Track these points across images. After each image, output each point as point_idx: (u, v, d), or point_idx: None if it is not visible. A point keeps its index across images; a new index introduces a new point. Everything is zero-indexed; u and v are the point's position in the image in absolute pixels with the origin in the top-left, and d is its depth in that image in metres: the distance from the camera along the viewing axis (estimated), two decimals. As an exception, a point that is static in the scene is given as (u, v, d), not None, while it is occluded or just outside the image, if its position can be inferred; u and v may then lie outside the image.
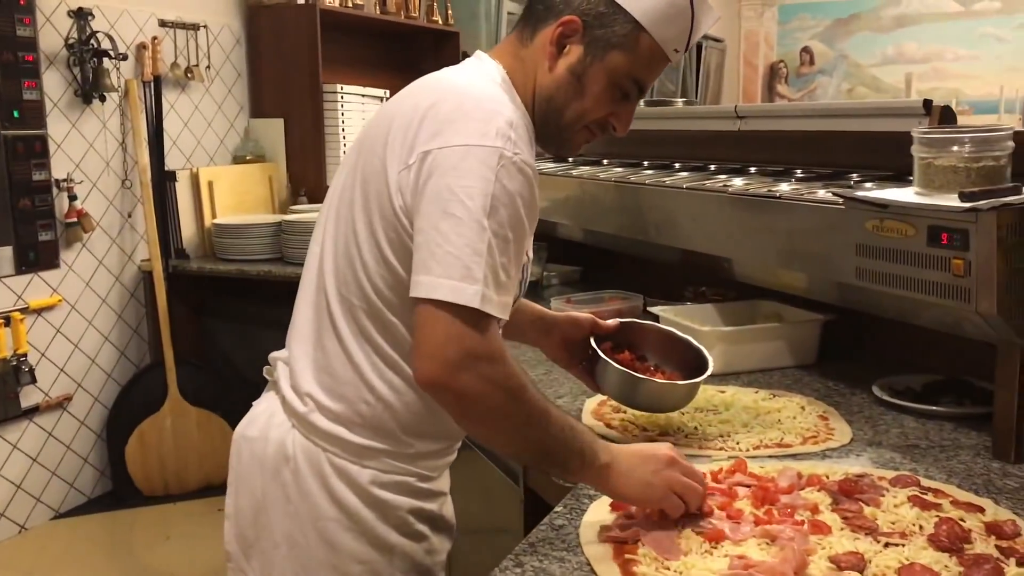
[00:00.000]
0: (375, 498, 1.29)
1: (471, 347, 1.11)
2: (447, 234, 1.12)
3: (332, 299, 1.29)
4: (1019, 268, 1.42)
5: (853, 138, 2.09)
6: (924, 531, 1.21)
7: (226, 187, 3.92)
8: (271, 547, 1.31)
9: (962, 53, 9.75)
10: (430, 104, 1.21)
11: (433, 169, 1.15)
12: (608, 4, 1.27)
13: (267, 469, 1.32)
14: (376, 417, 1.28)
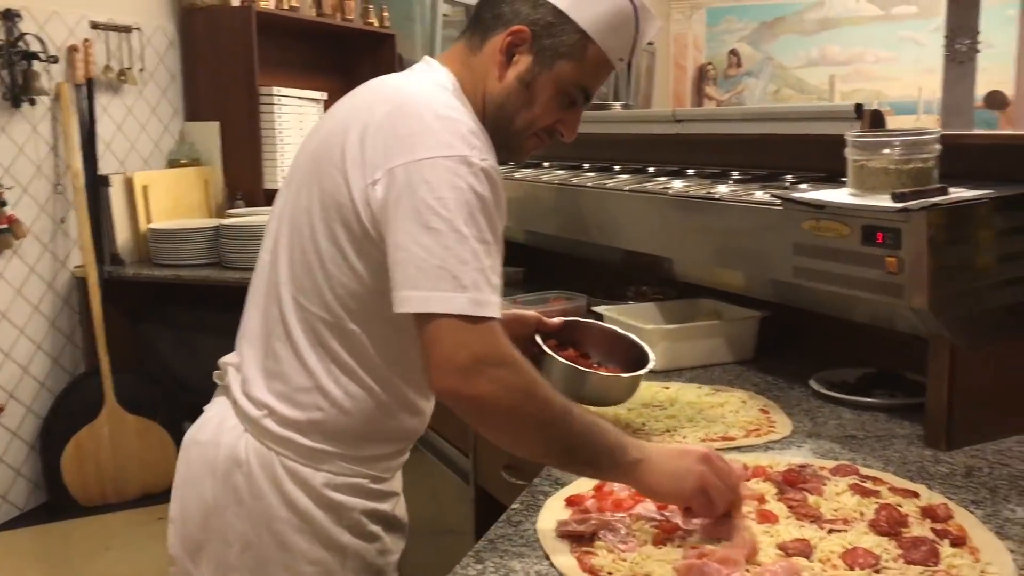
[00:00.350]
0: (328, 500, 1.31)
1: (480, 353, 1.13)
2: (430, 247, 1.13)
3: (287, 307, 1.30)
4: (948, 265, 1.49)
5: (787, 141, 2.16)
6: (865, 517, 1.27)
7: (161, 191, 3.86)
8: (223, 547, 1.32)
9: (882, 55, 10.06)
10: (387, 115, 1.22)
11: (404, 186, 1.16)
12: (556, 14, 1.29)
13: (218, 473, 1.33)
14: (330, 423, 1.30)
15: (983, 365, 1.58)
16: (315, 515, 1.31)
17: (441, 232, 1.14)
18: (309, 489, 1.30)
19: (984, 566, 1.14)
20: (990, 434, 1.60)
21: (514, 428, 1.18)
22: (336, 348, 1.28)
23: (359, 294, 1.25)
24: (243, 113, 4.08)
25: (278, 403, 1.30)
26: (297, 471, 1.30)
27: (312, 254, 1.27)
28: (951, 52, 5.93)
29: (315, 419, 1.29)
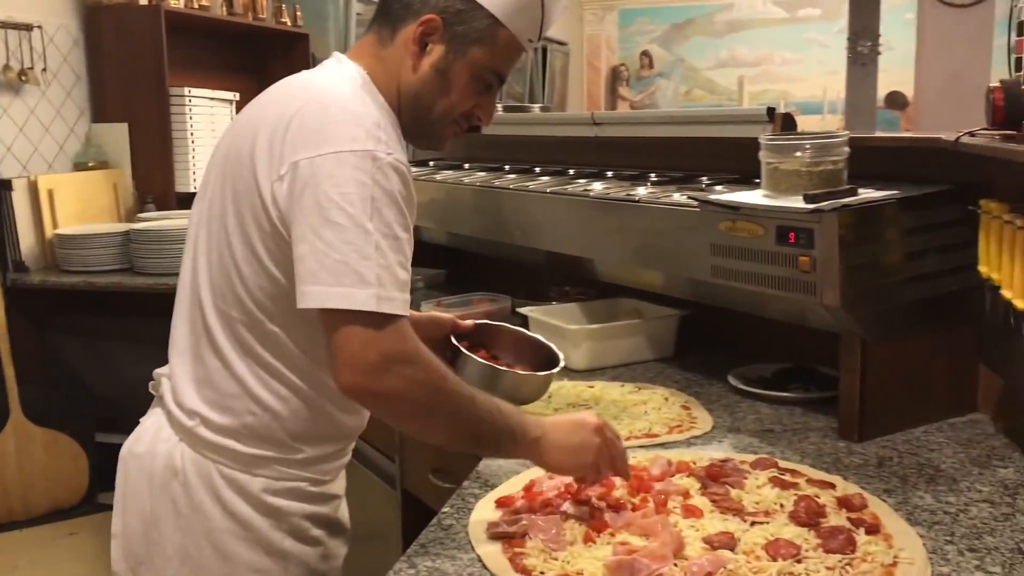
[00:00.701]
0: (268, 506, 1.30)
1: (386, 351, 1.13)
2: (332, 242, 1.13)
3: (209, 314, 1.29)
4: (858, 264, 1.55)
5: (703, 143, 2.21)
6: (785, 509, 1.31)
7: (68, 195, 3.73)
8: (163, 562, 1.30)
9: (789, 57, 10.34)
10: (294, 111, 1.21)
11: (308, 179, 1.16)
12: (465, 1, 1.29)
13: (156, 484, 1.31)
14: (264, 427, 1.29)
15: (892, 359, 1.65)
16: (255, 522, 1.29)
17: (344, 227, 1.13)
18: (247, 495, 1.29)
19: (897, 551, 1.19)
20: (900, 425, 1.67)
21: (423, 420, 1.21)
22: (260, 351, 1.27)
23: (275, 295, 1.24)
24: (153, 114, 3.96)
25: (209, 411, 1.28)
26: (235, 478, 1.29)
27: (228, 258, 1.26)
28: (854, 54, 6.14)
29: (248, 424, 1.28)
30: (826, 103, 10.01)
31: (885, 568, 1.15)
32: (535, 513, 1.30)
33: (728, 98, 10.48)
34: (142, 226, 3.58)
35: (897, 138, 1.99)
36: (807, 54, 10.17)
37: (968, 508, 1.34)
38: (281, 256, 1.22)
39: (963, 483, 1.43)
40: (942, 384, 1.72)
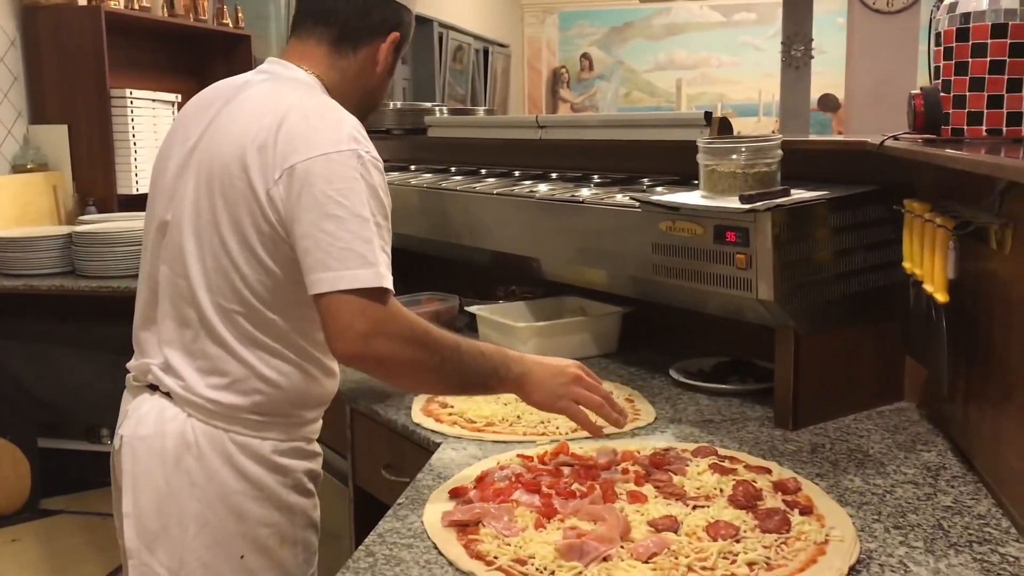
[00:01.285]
0: (277, 464, 1.46)
1: (377, 317, 1.29)
2: (335, 233, 1.28)
3: (208, 311, 1.40)
4: (791, 260, 1.64)
5: (644, 146, 2.29)
6: (724, 493, 1.38)
7: (6, 198, 3.68)
8: (180, 532, 1.41)
9: (725, 60, 10.54)
10: (278, 124, 1.35)
11: (303, 181, 1.31)
12: (405, 12, 1.56)
13: (168, 461, 1.41)
14: (270, 401, 1.44)
15: (823, 351, 1.74)
16: (266, 480, 1.44)
17: (343, 218, 1.29)
18: (259, 458, 1.44)
19: (829, 530, 1.27)
20: (831, 413, 1.76)
21: (415, 375, 1.39)
22: (262, 338, 1.41)
23: (274, 287, 1.38)
24: (93, 116, 3.93)
25: (219, 393, 1.41)
26: (246, 443, 1.43)
27: (225, 260, 1.38)
28: (787, 57, 6.31)
29: (256, 400, 1.42)
30: (761, 105, 10.24)
31: (818, 546, 1.23)
32: (488, 502, 1.35)
33: (667, 100, 10.65)
34: (84, 228, 3.54)
35: (827, 141, 2.08)
36: (743, 57, 10.38)
37: (894, 489, 1.43)
38: (278, 253, 1.36)
39: (890, 466, 1.52)
40: (870, 375, 1.82)
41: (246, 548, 1.43)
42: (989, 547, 1.23)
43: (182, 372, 1.42)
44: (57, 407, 3.66)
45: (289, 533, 1.48)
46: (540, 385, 1.48)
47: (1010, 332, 1.36)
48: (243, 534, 1.43)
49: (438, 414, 1.80)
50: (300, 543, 1.51)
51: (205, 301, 1.40)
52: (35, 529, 3.44)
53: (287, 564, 1.48)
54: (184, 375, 1.42)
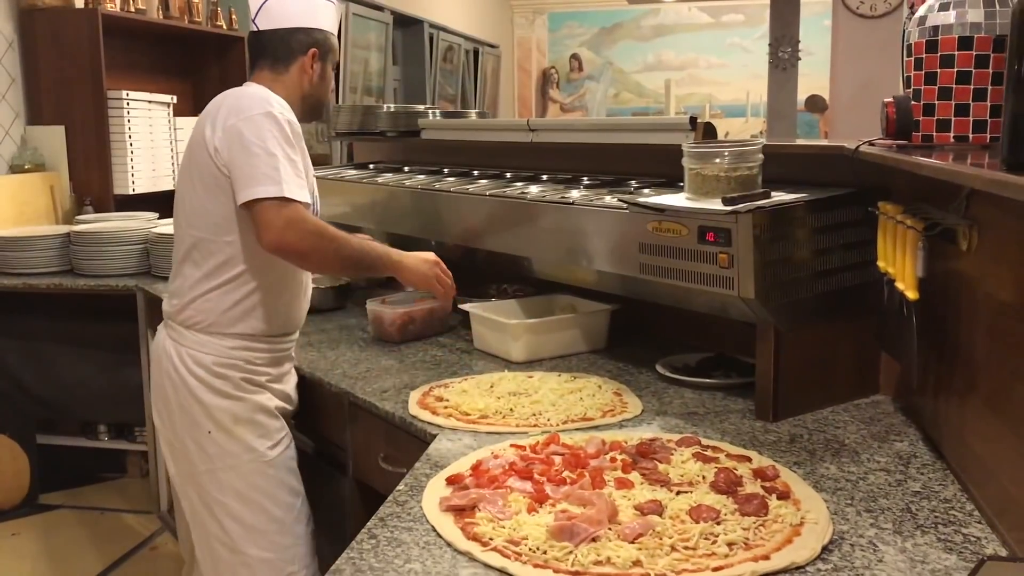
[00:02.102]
0: (216, 371, 1.99)
1: (289, 217, 1.87)
2: (254, 164, 1.88)
3: (188, 241, 2.02)
4: (771, 260, 1.72)
5: (631, 149, 2.37)
6: (706, 480, 1.46)
7: (4, 198, 3.74)
8: (169, 416, 2.04)
9: (714, 61, 10.63)
10: (225, 102, 1.99)
11: (234, 133, 1.91)
12: (319, 32, 2.14)
13: (158, 366, 2.07)
14: (208, 311, 2.00)
15: (802, 346, 1.82)
16: (211, 380, 1.99)
17: (260, 155, 1.88)
18: (203, 366, 1.99)
19: (804, 513, 1.35)
20: (809, 406, 1.84)
21: (320, 259, 1.97)
22: (210, 261, 1.99)
23: (228, 215, 1.95)
24: (90, 117, 3.99)
25: (176, 314, 2.04)
26: (194, 356, 2.00)
27: (193, 200, 2.00)
28: (775, 59, 6.40)
29: (196, 320, 2.01)
30: (749, 106, 10.34)
31: (793, 528, 1.31)
32: (483, 488, 1.43)
33: (655, 100, 10.74)
34: (83, 228, 3.61)
35: (805, 146, 2.16)
36: (731, 59, 10.48)
37: (867, 476, 1.51)
38: (227, 190, 1.93)
39: (864, 455, 1.61)
40: (847, 369, 1.90)
41: (211, 425, 1.98)
42: (953, 528, 1.32)
43: (171, 293, 2.08)
44: (55, 404, 3.72)
45: (242, 415, 1.99)
46: (415, 268, 2.14)
47: (975, 328, 1.45)
48: (206, 415, 1.98)
49: (434, 407, 1.87)
50: (252, 423, 2.00)
51: (186, 233, 2.01)
52: (34, 524, 3.50)
53: (246, 438, 1.99)
54: (170, 295, 2.08)
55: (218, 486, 1.99)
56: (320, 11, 2.15)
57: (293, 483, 2.05)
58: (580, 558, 1.22)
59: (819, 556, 1.23)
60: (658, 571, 1.19)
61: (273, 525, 2.01)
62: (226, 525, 1.99)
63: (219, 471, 1.99)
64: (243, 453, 1.99)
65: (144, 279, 3.43)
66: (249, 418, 2.00)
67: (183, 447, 2.02)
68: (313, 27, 2.12)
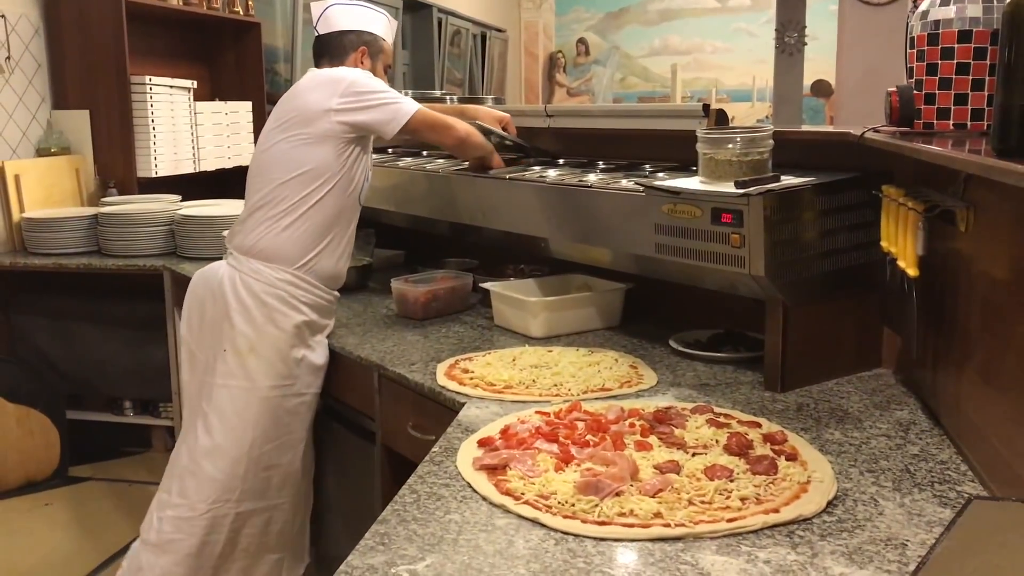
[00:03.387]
0: (259, 298, 2.29)
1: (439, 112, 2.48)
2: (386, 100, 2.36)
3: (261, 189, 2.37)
4: (780, 240, 1.82)
5: (646, 135, 2.47)
6: (720, 443, 1.57)
7: (32, 181, 3.85)
8: (198, 327, 2.38)
9: (720, 46, 10.68)
10: (318, 79, 2.39)
11: (354, 92, 2.32)
12: (368, 34, 2.50)
13: (206, 286, 2.39)
14: (276, 245, 2.32)
15: (809, 321, 1.93)
16: (263, 306, 2.29)
17: (383, 93, 2.35)
18: (253, 294, 2.29)
19: (811, 473, 1.46)
20: (815, 378, 1.95)
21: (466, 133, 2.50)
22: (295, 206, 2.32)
23: (325, 166, 2.32)
24: (114, 101, 4.09)
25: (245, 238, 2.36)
26: (248, 283, 2.30)
27: (290, 153, 2.32)
28: (781, 44, 6.44)
29: (261, 246, 2.33)
30: (755, 91, 10.39)
31: (801, 485, 1.42)
32: (512, 450, 1.54)
33: (661, 85, 10.80)
34: (110, 210, 3.72)
35: (814, 132, 2.26)
36: (737, 43, 10.52)
37: (869, 440, 1.62)
38: (337, 140, 2.32)
39: (866, 422, 1.72)
40: (851, 343, 2.01)
41: (228, 345, 2.28)
42: (948, 486, 1.43)
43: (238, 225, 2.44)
44: (82, 380, 3.85)
45: (259, 347, 2.26)
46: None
47: (970, 303, 1.55)
48: (228, 335, 2.28)
49: (460, 378, 1.98)
50: (264, 359, 2.26)
51: (258, 184, 2.36)
52: (65, 495, 3.62)
53: (251, 367, 2.26)
54: (233, 235, 2.42)
55: (208, 398, 2.27)
56: (369, 19, 2.52)
57: (286, 425, 2.29)
58: (605, 510, 1.33)
59: (824, 510, 1.35)
60: (677, 522, 1.30)
61: (235, 451, 2.24)
62: (199, 434, 2.26)
63: (216, 386, 2.26)
64: (242, 379, 2.25)
65: (170, 259, 3.55)
66: (263, 353, 2.25)
67: (201, 357, 2.33)
68: (363, 30, 2.49)
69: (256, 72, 5.18)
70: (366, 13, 2.52)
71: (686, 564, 1.20)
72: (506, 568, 1.19)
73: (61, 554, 3.17)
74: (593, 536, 1.28)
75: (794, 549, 1.24)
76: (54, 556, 3.16)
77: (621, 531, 1.28)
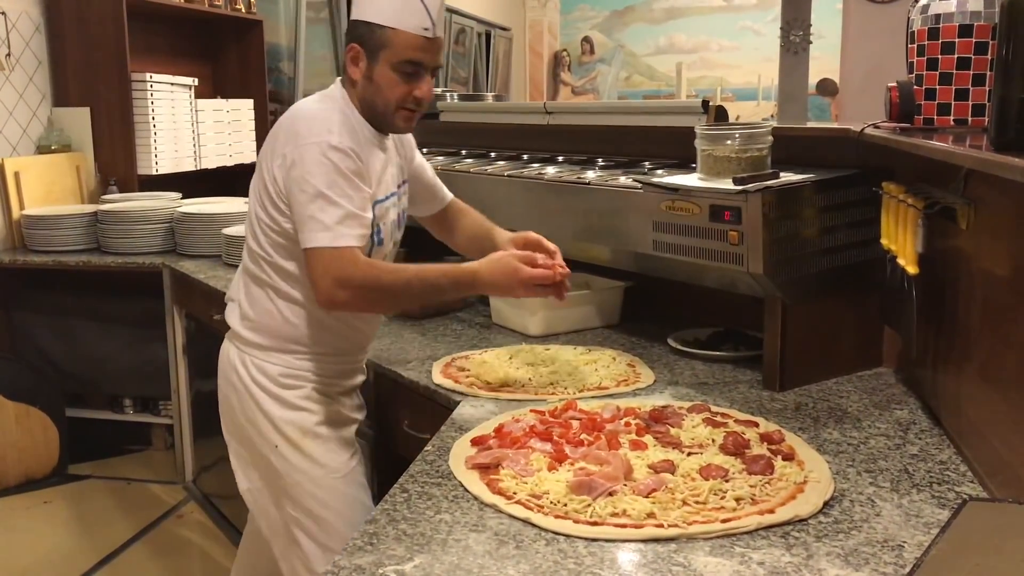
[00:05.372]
0: (284, 382, 1.87)
1: (336, 274, 1.70)
2: (304, 205, 1.72)
3: (246, 257, 1.91)
4: (779, 237, 1.80)
5: (645, 131, 2.45)
6: (716, 442, 1.55)
7: (33, 178, 3.84)
8: (237, 429, 1.93)
9: (725, 44, 10.64)
10: (286, 121, 1.81)
11: (288, 164, 1.75)
12: (363, 25, 1.79)
13: (226, 374, 1.94)
14: (279, 331, 1.87)
15: (808, 320, 1.91)
16: (276, 390, 1.86)
17: (308, 195, 1.71)
18: (270, 376, 1.87)
19: (808, 472, 1.44)
20: (814, 377, 1.93)
21: (382, 306, 1.99)
22: (279, 282, 1.85)
23: (286, 236, 1.81)
24: (114, 99, 4.08)
25: (243, 326, 1.91)
26: (261, 365, 1.87)
27: (261, 214, 1.84)
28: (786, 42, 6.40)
29: (265, 329, 1.88)
30: (760, 89, 10.35)
31: (797, 485, 1.40)
32: (506, 449, 1.52)
33: (666, 84, 10.76)
34: (110, 207, 3.71)
35: (813, 128, 2.24)
36: (742, 42, 10.48)
37: (868, 440, 1.60)
38: (284, 214, 1.80)
39: (865, 422, 1.70)
40: (851, 342, 1.99)
41: (278, 439, 1.85)
42: (947, 487, 1.41)
43: (231, 305, 1.96)
44: (82, 378, 3.84)
45: (310, 427, 1.86)
46: (493, 287, 1.84)
47: (971, 301, 1.53)
48: (273, 428, 1.85)
49: (456, 376, 1.97)
50: (321, 436, 1.87)
51: (249, 245, 1.89)
52: (64, 492, 3.62)
53: (314, 453, 1.85)
54: (231, 307, 1.95)
55: (291, 502, 1.86)
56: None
57: (364, 499, 1.92)
58: (598, 510, 1.31)
59: (821, 510, 1.33)
60: (670, 522, 1.28)
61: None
62: (302, 542, 1.87)
63: (290, 487, 1.85)
64: (312, 468, 1.85)
65: (170, 256, 3.54)
66: (317, 431, 1.86)
67: (254, 462, 1.91)
68: (359, 19, 1.79)
69: (259, 70, 5.18)
70: None
71: (678, 565, 1.18)
72: (495, 569, 1.18)
73: (60, 552, 3.17)
74: (585, 537, 1.26)
75: (789, 550, 1.22)
76: (53, 554, 3.15)
77: (613, 531, 1.27)
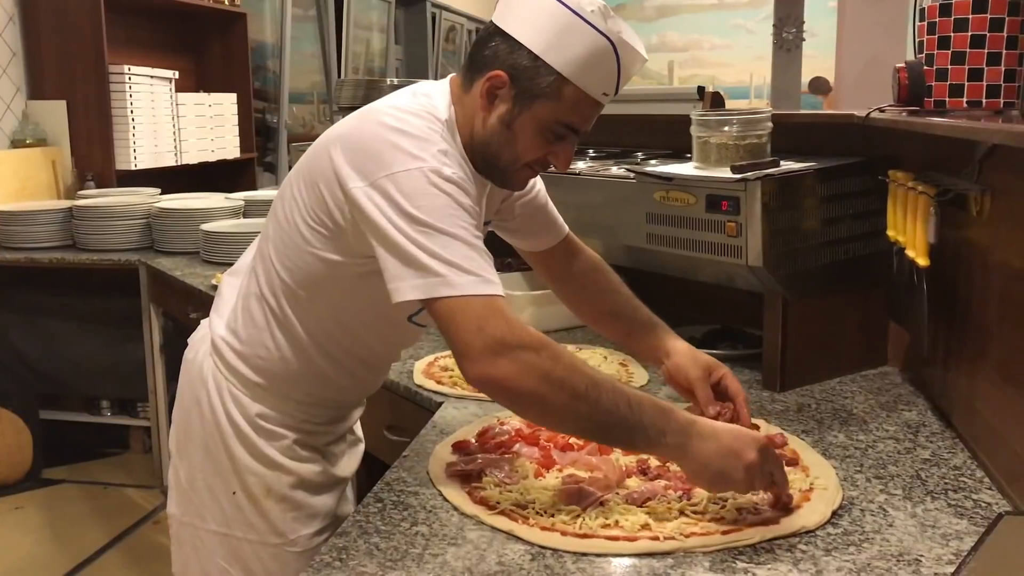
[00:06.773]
0: (262, 427, 1.47)
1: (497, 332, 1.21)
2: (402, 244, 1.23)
3: (263, 277, 1.45)
4: (779, 228, 1.70)
5: (638, 120, 2.35)
6: (714, 446, 1.45)
7: (6, 173, 3.72)
8: (192, 449, 1.51)
9: (717, 42, 10.59)
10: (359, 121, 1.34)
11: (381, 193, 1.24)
12: (531, 58, 1.29)
13: (193, 387, 1.51)
14: (269, 366, 1.45)
15: (810, 316, 1.81)
16: (251, 436, 1.46)
17: (426, 230, 1.22)
18: (247, 415, 1.46)
19: (813, 479, 1.34)
20: (817, 376, 1.83)
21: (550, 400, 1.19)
22: (287, 310, 1.43)
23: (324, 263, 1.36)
24: (91, 92, 3.97)
25: (235, 341, 1.47)
26: (239, 398, 1.46)
27: (291, 237, 1.38)
28: (779, 40, 6.36)
29: (257, 365, 1.46)
30: (753, 88, 10.28)
31: (803, 493, 1.30)
32: (490, 454, 1.42)
33: (658, 82, 10.69)
34: (85, 203, 3.60)
35: (815, 114, 2.15)
36: (734, 40, 10.43)
37: (876, 444, 1.50)
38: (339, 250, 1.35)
39: (872, 424, 1.60)
40: (855, 339, 1.89)
41: (237, 486, 1.47)
42: (964, 494, 1.31)
43: (225, 310, 1.52)
44: (57, 379, 3.72)
45: (275, 488, 1.47)
46: (704, 466, 1.21)
47: (987, 295, 1.43)
48: (234, 471, 1.47)
49: (439, 376, 1.86)
50: (288, 500, 1.48)
51: (260, 269, 1.45)
52: (37, 498, 3.50)
53: (272, 516, 1.47)
54: (223, 309, 1.52)
55: (225, 554, 1.50)
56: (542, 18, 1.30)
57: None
58: (588, 521, 1.21)
59: (829, 520, 1.22)
60: (667, 534, 1.18)
61: None
62: None
63: (233, 540, 1.49)
64: (267, 535, 1.48)
65: (147, 253, 3.43)
66: (285, 494, 1.48)
67: (196, 495, 1.51)
68: (526, 47, 1.30)
69: (242, 64, 5.07)
70: (549, 7, 1.29)
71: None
72: (475, 587, 1.07)
73: (32, 559, 3.06)
74: (573, 551, 1.15)
75: (796, 565, 1.11)
76: (24, 562, 3.04)
77: (604, 545, 1.16)
